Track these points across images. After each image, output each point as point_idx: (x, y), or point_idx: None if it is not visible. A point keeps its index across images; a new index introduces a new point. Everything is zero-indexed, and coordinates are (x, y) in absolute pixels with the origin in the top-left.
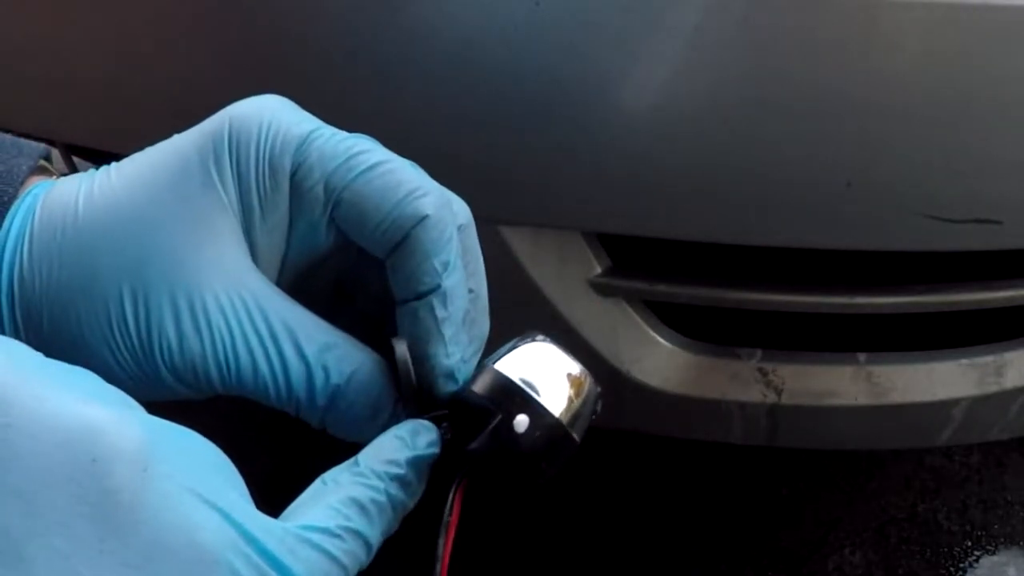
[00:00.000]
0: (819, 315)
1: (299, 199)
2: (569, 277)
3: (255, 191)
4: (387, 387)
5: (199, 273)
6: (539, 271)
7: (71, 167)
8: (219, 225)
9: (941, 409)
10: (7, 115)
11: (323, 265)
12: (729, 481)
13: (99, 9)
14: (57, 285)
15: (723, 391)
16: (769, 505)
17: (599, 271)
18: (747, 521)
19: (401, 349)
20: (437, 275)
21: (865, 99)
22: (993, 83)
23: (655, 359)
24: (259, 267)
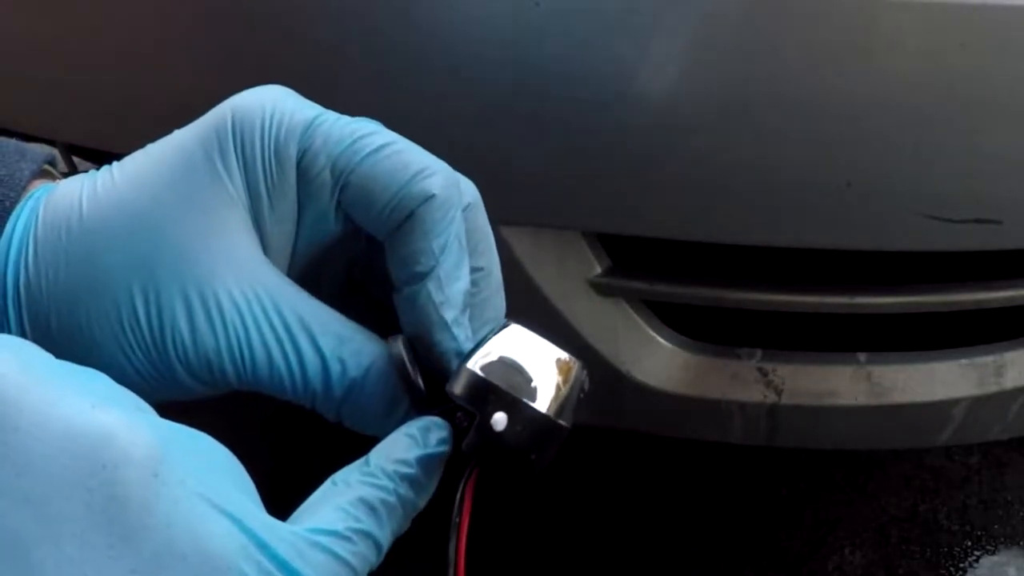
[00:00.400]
0: (819, 315)
1: (306, 186)
2: (569, 277)
3: (262, 180)
4: (398, 374)
5: (210, 268)
6: (539, 271)
7: (71, 167)
8: (228, 217)
9: (941, 409)
10: (7, 115)
11: (333, 253)
12: (729, 481)
13: (99, 9)
14: (64, 286)
15: (723, 391)
16: (769, 505)
17: (599, 271)
18: (747, 521)
19: (396, 348)
20: (433, 257)
21: (865, 99)
22: (993, 83)
23: (655, 359)
24: (270, 258)
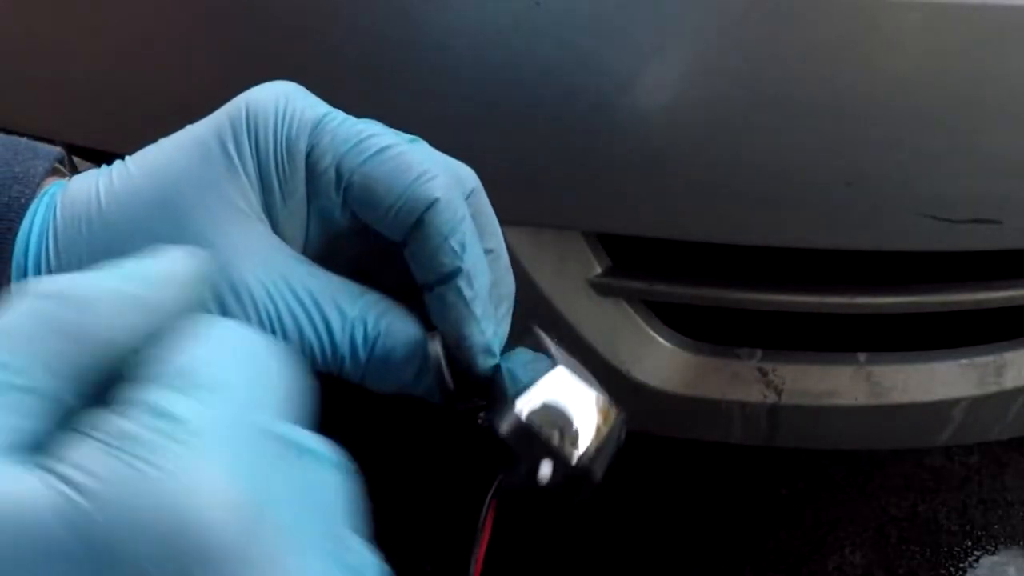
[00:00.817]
0: (819, 315)
1: (314, 182)
2: (569, 277)
3: (274, 173)
4: (420, 331)
5: (233, 250)
6: (539, 271)
7: (71, 167)
8: (243, 206)
9: (941, 409)
10: (7, 115)
11: (341, 248)
12: (729, 481)
13: (99, 9)
14: None
15: (723, 391)
16: (769, 505)
17: (599, 271)
18: (747, 521)
19: (434, 348)
20: (457, 256)
21: (865, 99)
22: (993, 83)
23: (655, 359)
24: None
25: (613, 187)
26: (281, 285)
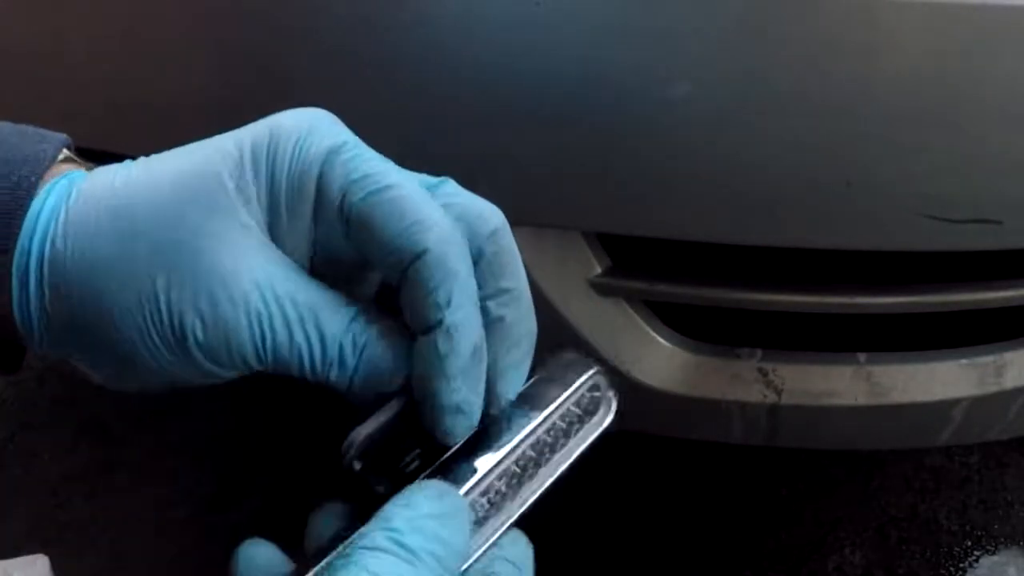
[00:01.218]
0: (819, 315)
1: (321, 209)
2: (569, 277)
3: (283, 197)
4: (405, 340)
5: (230, 258)
6: (539, 271)
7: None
8: (247, 219)
9: (941, 409)
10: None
11: (347, 269)
12: (729, 481)
13: (100, 9)
14: (90, 264)
15: (723, 391)
16: (769, 505)
17: (599, 271)
18: (747, 521)
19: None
20: (439, 310)
21: (865, 99)
22: (993, 83)
23: (655, 359)
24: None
25: (613, 187)
26: (278, 289)
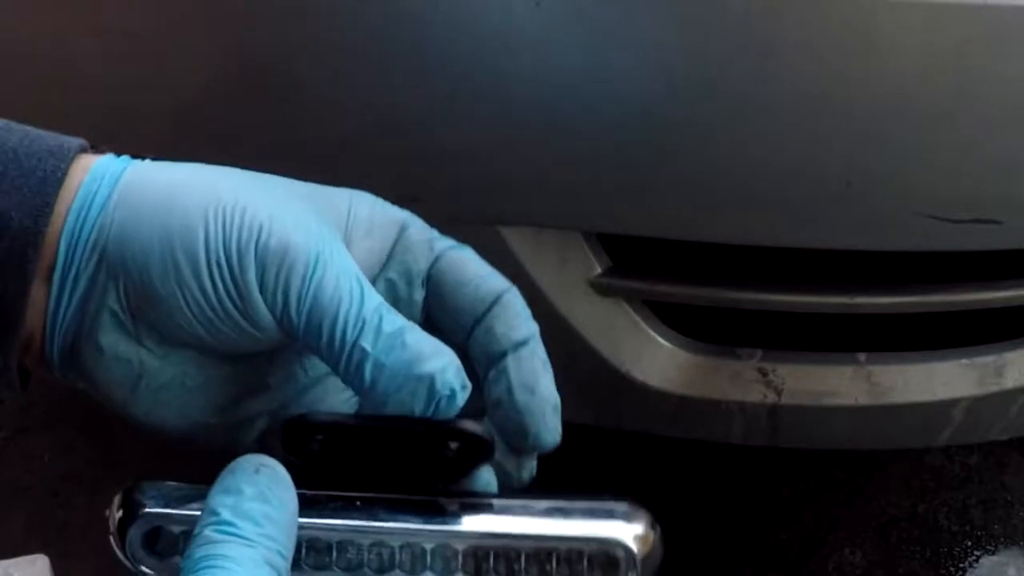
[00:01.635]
0: (819, 315)
1: (399, 255)
2: (569, 277)
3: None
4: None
5: (282, 225)
6: (539, 271)
7: None
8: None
9: (941, 409)
10: (7, 115)
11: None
12: (729, 481)
13: (99, 9)
14: (143, 241)
15: (723, 391)
16: (769, 505)
17: (599, 271)
18: (747, 521)
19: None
20: (533, 322)
21: (865, 99)
22: (993, 83)
23: (655, 359)
24: None
25: (613, 187)
26: (336, 248)
